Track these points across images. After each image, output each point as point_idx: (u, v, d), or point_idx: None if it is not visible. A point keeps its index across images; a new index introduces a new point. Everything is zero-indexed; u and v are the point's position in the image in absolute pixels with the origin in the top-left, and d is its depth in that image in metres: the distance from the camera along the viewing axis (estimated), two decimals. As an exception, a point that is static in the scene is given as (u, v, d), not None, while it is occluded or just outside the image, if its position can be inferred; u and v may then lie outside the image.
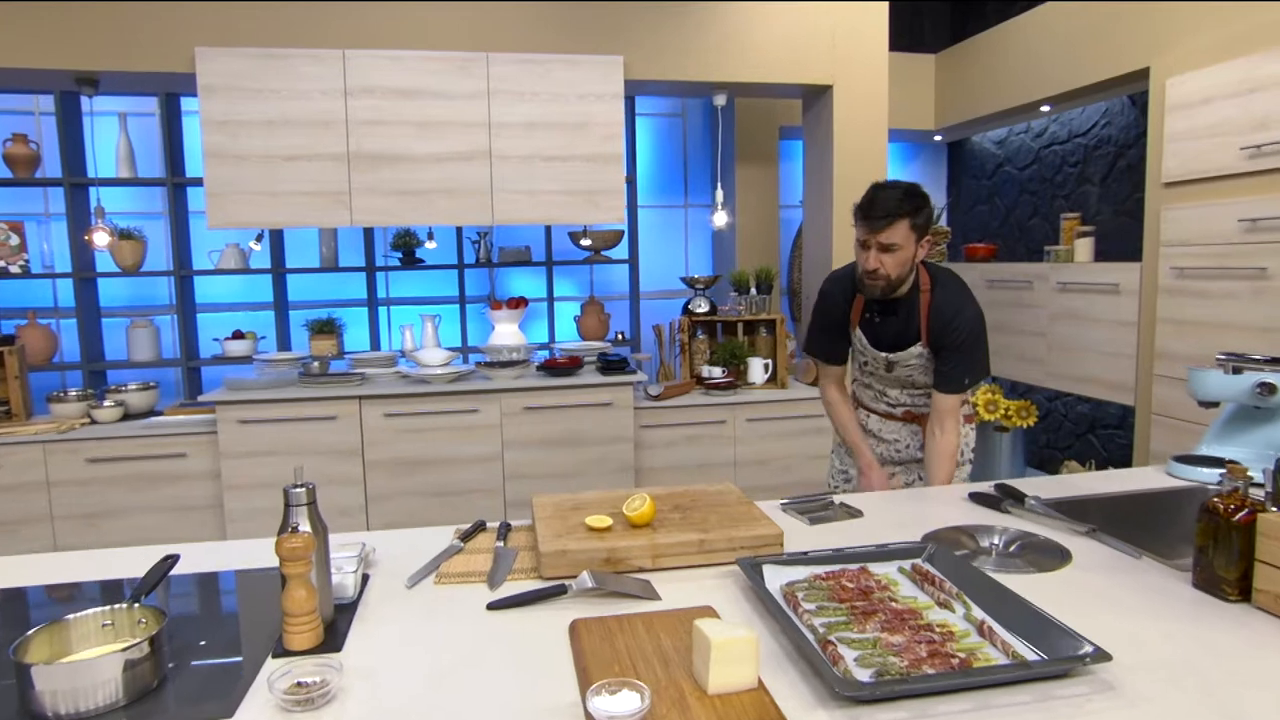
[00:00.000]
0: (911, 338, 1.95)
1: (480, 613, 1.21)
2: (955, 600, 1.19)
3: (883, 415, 2.14)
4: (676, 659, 1.02)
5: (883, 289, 1.88)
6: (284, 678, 0.97)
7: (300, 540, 1.07)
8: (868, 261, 1.84)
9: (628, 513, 1.42)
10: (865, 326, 2.02)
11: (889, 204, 1.80)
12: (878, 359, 2.02)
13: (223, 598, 1.30)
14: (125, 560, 1.45)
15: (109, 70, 3.15)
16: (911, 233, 1.82)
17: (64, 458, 3.18)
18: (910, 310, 1.94)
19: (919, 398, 2.07)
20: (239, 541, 1.56)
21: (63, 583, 1.37)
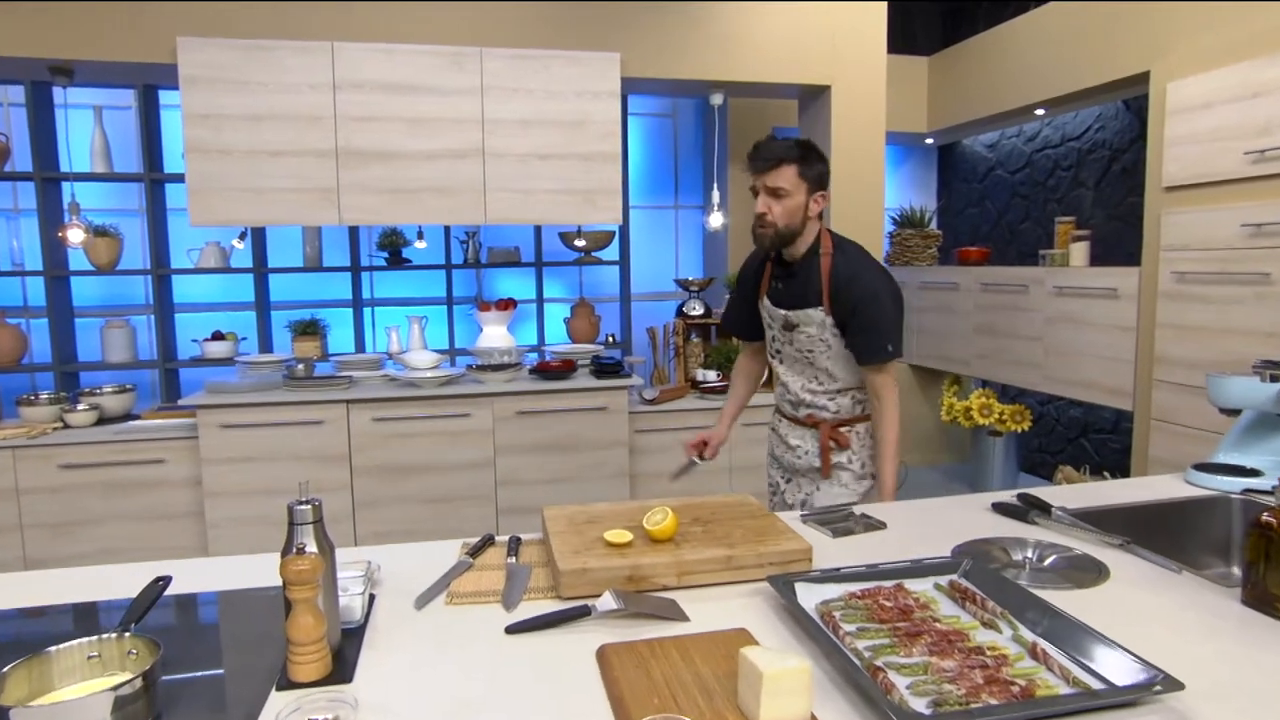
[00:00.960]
0: (812, 299, 1.91)
1: (498, 636, 1.13)
2: (1000, 620, 1.13)
3: (789, 419, 2.09)
4: (719, 689, 0.95)
5: (771, 239, 1.85)
6: (294, 715, 0.88)
7: (308, 562, 0.99)
8: (757, 206, 1.84)
9: (649, 527, 1.35)
10: (771, 293, 2.00)
11: (776, 149, 1.80)
12: (777, 319, 1.98)
13: (214, 623, 1.21)
14: (102, 580, 1.35)
15: (85, 60, 3.02)
16: (801, 181, 1.81)
17: (35, 464, 3.04)
18: (810, 272, 1.91)
19: (820, 396, 1.99)
20: (229, 558, 1.46)
21: (34, 606, 1.27)
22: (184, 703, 0.96)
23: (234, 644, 1.14)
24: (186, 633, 1.19)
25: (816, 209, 1.87)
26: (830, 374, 1.97)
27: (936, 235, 5.02)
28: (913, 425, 5.13)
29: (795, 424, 2.07)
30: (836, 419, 2.01)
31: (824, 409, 2.00)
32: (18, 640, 1.23)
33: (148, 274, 4.02)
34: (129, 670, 0.98)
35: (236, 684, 1.02)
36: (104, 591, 1.31)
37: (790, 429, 2.08)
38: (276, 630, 1.15)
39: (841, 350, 1.93)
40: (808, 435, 2.04)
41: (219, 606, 1.26)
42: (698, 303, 3.81)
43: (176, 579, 1.31)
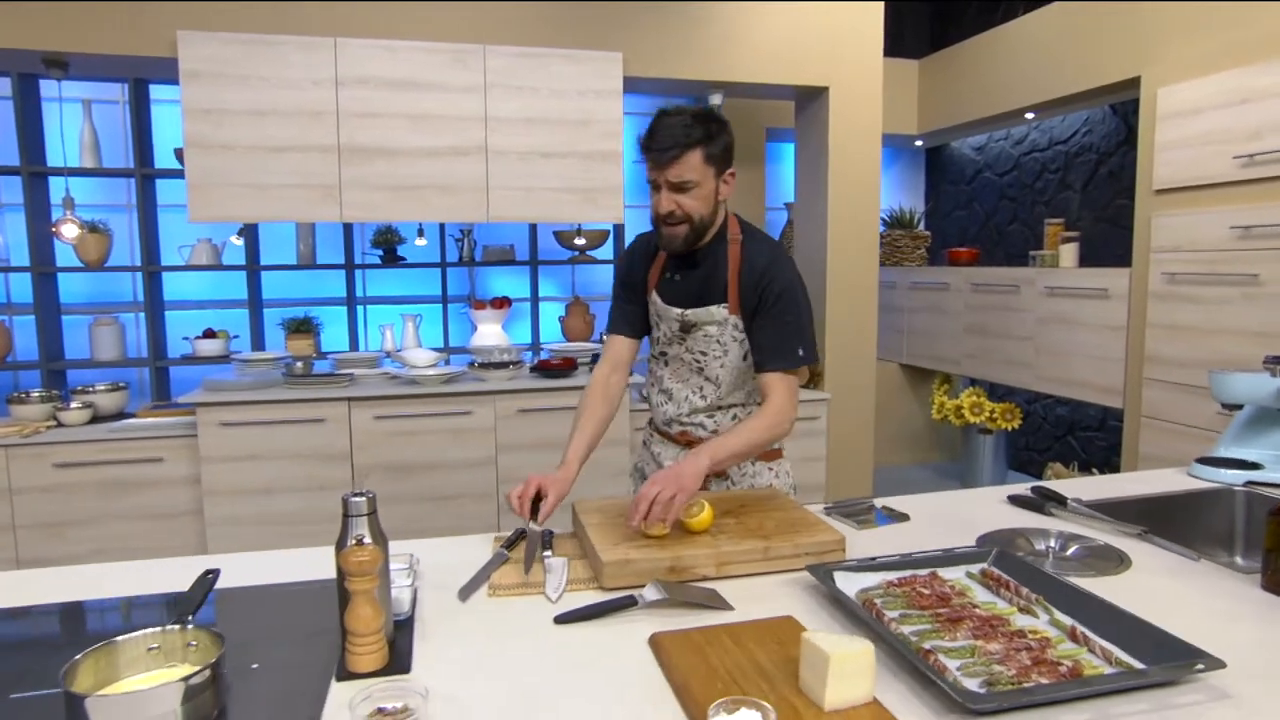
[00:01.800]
0: (716, 295, 1.63)
1: (548, 626, 1.15)
2: (1036, 605, 1.17)
3: (663, 436, 1.80)
4: (778, 673, 0.97)
5: (685, 237, 1.57)
6: (364, 703, 0.89)
7: (368, 553, 0.99)
8: (660, 205, 1.55)
9: (685, 519, 1.37)
10: (664, 288, 1.70)
11: (675, 132, 1.50)
12: (672, 321, 1.68)
13: (260, 617, 1.20)
14: (123, 576, 1.34)
15: (82, 53, 2.97)
16: (707, 165, 1.53)
17: (28, 463, 2.99)
18: (716, 262, 1.63)
19: (700, 413, 1.71)
20: (260, 553, 1.46)
21: (73, 601, 1.26)
22: (246, 694, 0.97)
23: (279, 637, 1.13)
24: (231, 626, 1.18)
25: (728, 191, 1.60)
26: (717, 384, 1.69)
27: (925, 236, 5.09)
28: (901, 425, 5.20)
29: (669, 441, 1.78)
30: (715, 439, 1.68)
31: (700, 427, 1.72)
32: (58, 633, 1.22)
33: (138, 271, 3.96)
34: (189, 662, 0.98)
35: (292, 676, 1.02)
36: (115, 589, 1.30)
37: (664, 447, 1.79)
38: (321, 623, 1.15)
39: (738, 359, 1.67)
40: (683, 456, 1.67)
41: (257, 601, 1.25)
42: (696, 302, 3.83)
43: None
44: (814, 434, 3.70)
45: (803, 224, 3.96)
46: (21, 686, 1.02)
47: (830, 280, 3.73)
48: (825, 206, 3.71)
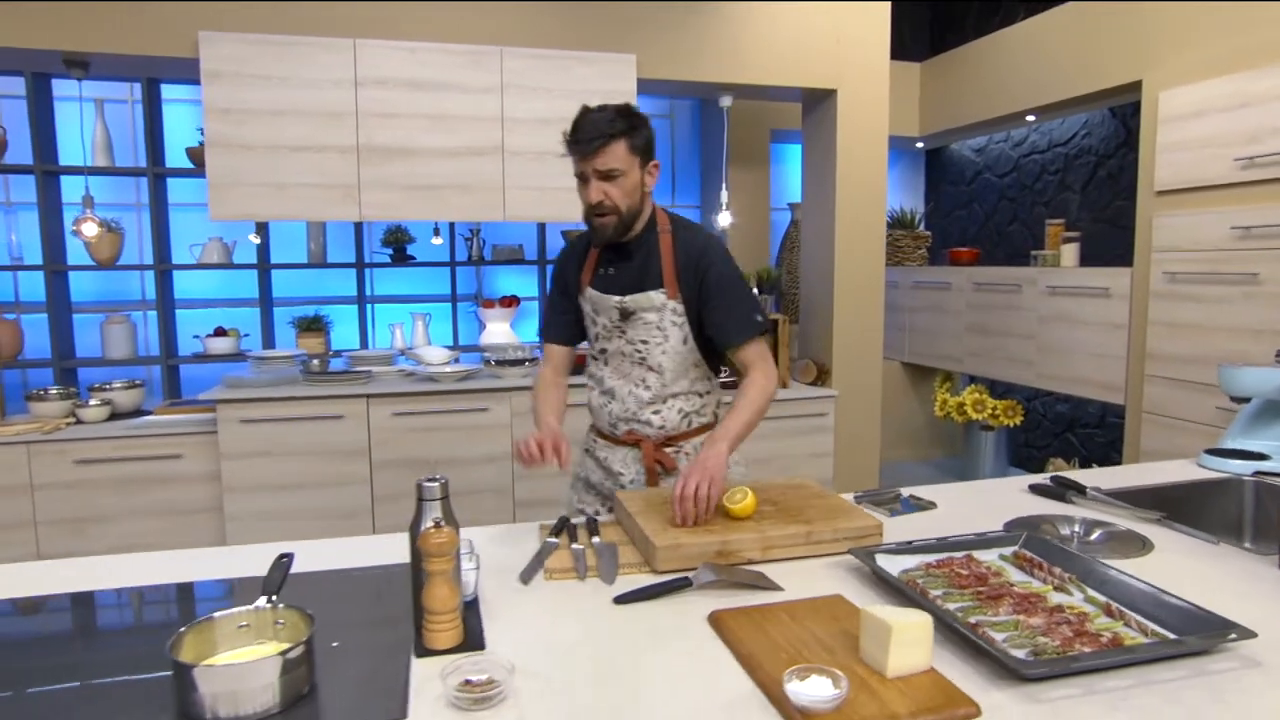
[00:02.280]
0: (652, 281, 1.68)
1: (608, 606, 1.20)
2: (1070, 584, 1.23)
3: (608, 439, 1.81)
4: (837, 645, 1.03)
5: (615, 227, 1.63)
6: (452, 676, 0.94)
7: (445, 536, 1.04)
8: (590, 194, 1.61)
9: (730, 506, 1.42)
10: (599, 282, 1.74)
11: (599, 124, 1.57)
12: (610, 310, 1.71)
13: (326, 600, 1.25)
14: (175, 564, 1.39)
15: (104, 53, 3.00)
16: (632, 156, 1.59)
17: (49, 459, 3.01)
18: (649, 252, 1.69)
19: (645, 408, 1.73)
20: (307, 542, 1.50)
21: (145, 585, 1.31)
22: (332, 670, 1.01)
23: (350, 619, 1.18)
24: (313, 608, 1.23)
25: (652, 182, 1.66)
26: (660, 372, 1.71)
27: (926, 236, 5.17)
28: (903, 422, 5.28)
29: (615, 444, 1.79)
30: (662, 435, 1.75)
31: (647, 424, 1.74)
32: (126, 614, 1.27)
33: (151, 269, 3.99)
34: (277, 639, 1.02)
35: (371, 653, 1.07)
36: (160, 576, 1.35)
37: (610, 451, 1.80)
38: (386, 605, 1.21)
39: (679, 344, 1.70)
40: (630, 457, 1.78)
41: (317, 586, 1.29)
42: (705, 300, 3.89)
43: (256, 561, 1.36)
44: (822, 430, 3.76)
45: (810, 225, 4.03)
46: (121, 670, 1.07)
47: (838, 280, 3.80)
48: (833, 208, 3.77)
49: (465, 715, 0.91)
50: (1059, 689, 0.95)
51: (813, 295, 4.02)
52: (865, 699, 0.91)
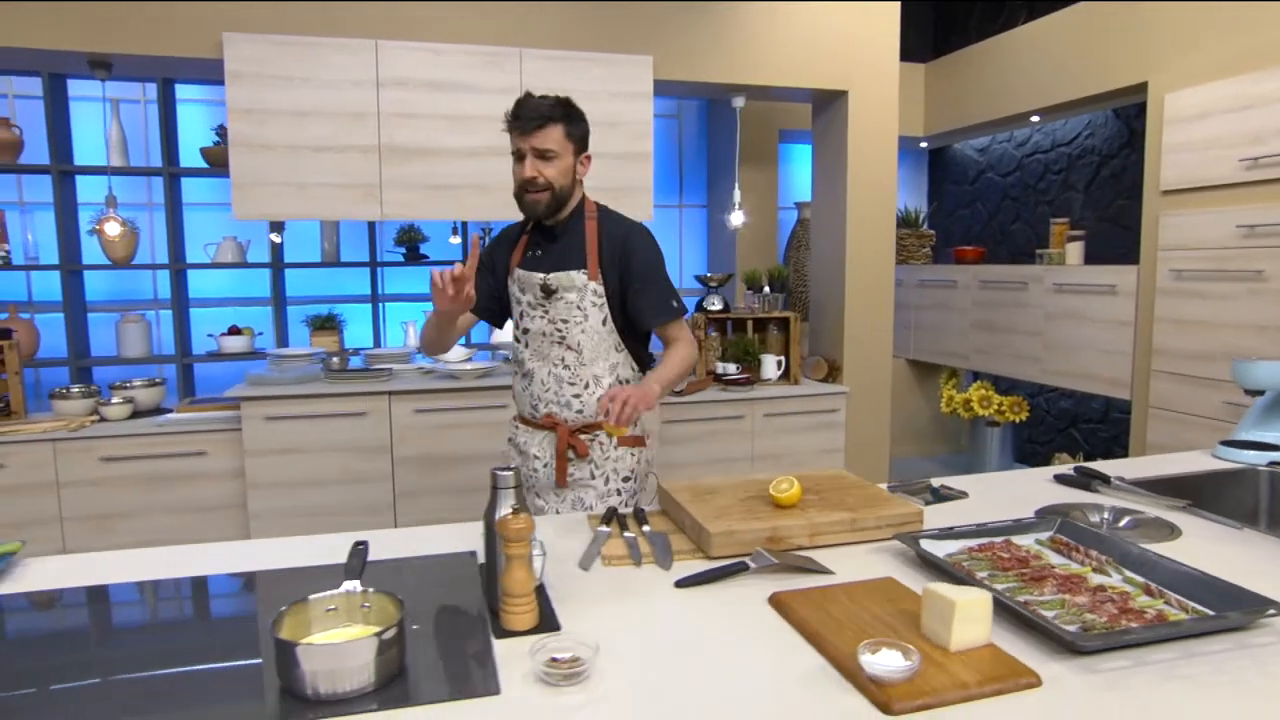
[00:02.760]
0: (575, 262, 1.78)
1: (669, 590, 1.25)
2: (1108, 566, 1.29)
3: (527, 424, 1.89)
4: (898, 623, 1.08)
5: (547, 203, 1.73)
6: (539, 653, 0.99)
7: (524, 521, 1.09)
8: (525, 170, 1.71)
9: (775, 494, 1.48)
10: (527, 263, 1.83)
11: (540, 107, 1.70)
12: (534, 288, 1.79)
13: (398, 586, 1.29)
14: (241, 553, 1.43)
15: (127, 54, 3.03)
16: (567, 141, 1.72)
17: (75, 456, 3.04)
18: (574, 235, 1.80)
19: (565, 387, 1.81)
20: (367, 533, 1.55)
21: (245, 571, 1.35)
22: (418, 651, 1.06)
23: (420, 604, 1.22)
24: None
25: (584, 171, 1.78)
26: (578, 351, 1.79)
27: (930, 235, 5.24)
28: (908, 418, 5.35)
29: (534, 429, 1.87)
30: (580, 421, 1.82)
31: (566, 406, 1.82)
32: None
33: (166, 269, 4.01)
34: (365, 622, 1.07)
35: (451, 636, 1.11)
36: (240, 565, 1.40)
37: (530, 436, 1.88)
38: (452, 591, 1.25)
39: (597, 325, 1.79)
40: (546, 441, 1.85)
41: (380, 574, 1.34)
42: (717, 298, 3.95)
43: (327, 551, 1.41)
44: (833, 426, 3.83)
45: (820, 224, 4.09)
46: (212, 653, 1.12)
47: (849, 279, 3.86)
48: (844, 207, 3.83)
49: (554, 690, 0.96)
50: (1111, 661, 1.01)
51: (823, 293, 4.08)
52: (933, 671, 0.96)
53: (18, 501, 3.00)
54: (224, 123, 3.97)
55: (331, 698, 0.94)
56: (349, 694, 0.94)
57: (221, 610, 1.34)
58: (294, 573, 1.35)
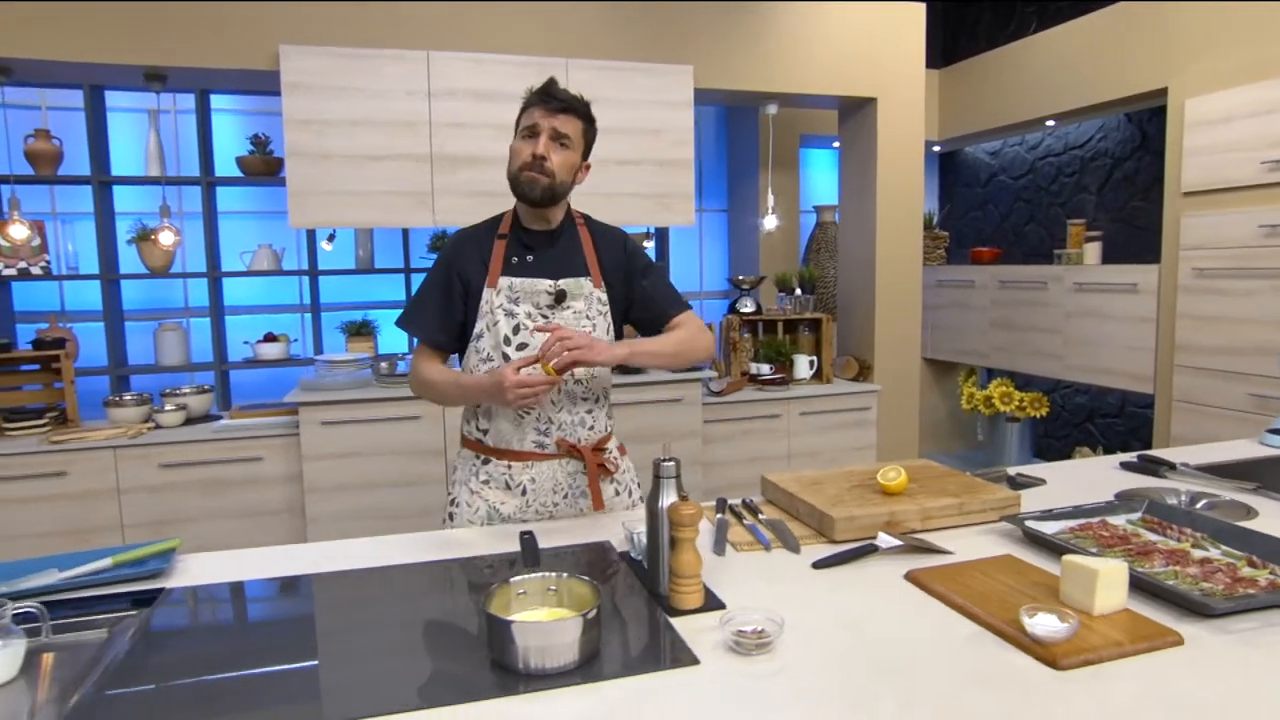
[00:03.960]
0: (579, 270, 1.68)
1: (807, 571, 1.34)
2: (1205, 542, 1.40)
3: (533, 457, 1.65)
4: (1035, 593, 1.18)
5: (543, 189, 1.60)
6: (728, 625, 1.08)
7: (694, 507, 1.18)
8: (537, 147, 1.59)
9: (884, 482, 1.58)
10: (518, 270, 1.65)
11: (570, 95, 1.62)
12: (540, 296, 1.63)
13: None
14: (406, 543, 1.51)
15: (185, 66, 3.09)
16: (582, 138, 1.65)
17: (135, 463, 3.09)
18: (569, 241, 1.70)
19: (579, 405, 1.66)
20: (497, 527, 1.63)
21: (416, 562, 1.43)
22: (604, 631, 1.13)
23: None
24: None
25: (582, 178, 1.69)
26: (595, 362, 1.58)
27: (944, 236, 5.38)
28: (926, 415, 5.47)
29: (540, 459, 1.65)
30: (594, 440, 1.69)
31: (580, 425, 1.67)
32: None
33: (203, 277, 4.06)
34: (554, 605, 1.15)
35: (625, 617, 1.19)
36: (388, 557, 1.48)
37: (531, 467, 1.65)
38: (607, 577, 1.34)
39: (603, 334, 1.68)
40: (559, 471, 1.67)
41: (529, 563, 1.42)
42: (749, 300, 4.05)
43: (474, 544, 1.49)
44: (865, 424, 3.94)
45: (849, 228, 4.20)
46: (413, 630, 1.19)
47: (879, 281, 3.98)
48: (873, 211, 3.95)
49: (747, 659, 1.05)
50: (1240, 622, 1.11)
51: (852, 295, 4.19)
52: (1086, 631, 1.06)
53: (81, 508, 3.04)
54: (258, 132, 4.04)
55: (540, 672, 1.02)
56: (556, 669, 1.02)
57: (385, 595, 1.40)
58: (430, 566, 1.43)
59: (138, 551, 1.40)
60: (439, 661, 1.09)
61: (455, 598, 1.32)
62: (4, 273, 3.75)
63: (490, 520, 1.68)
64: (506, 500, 1.68)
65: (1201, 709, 0.91)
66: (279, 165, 4.00)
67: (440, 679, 1.04)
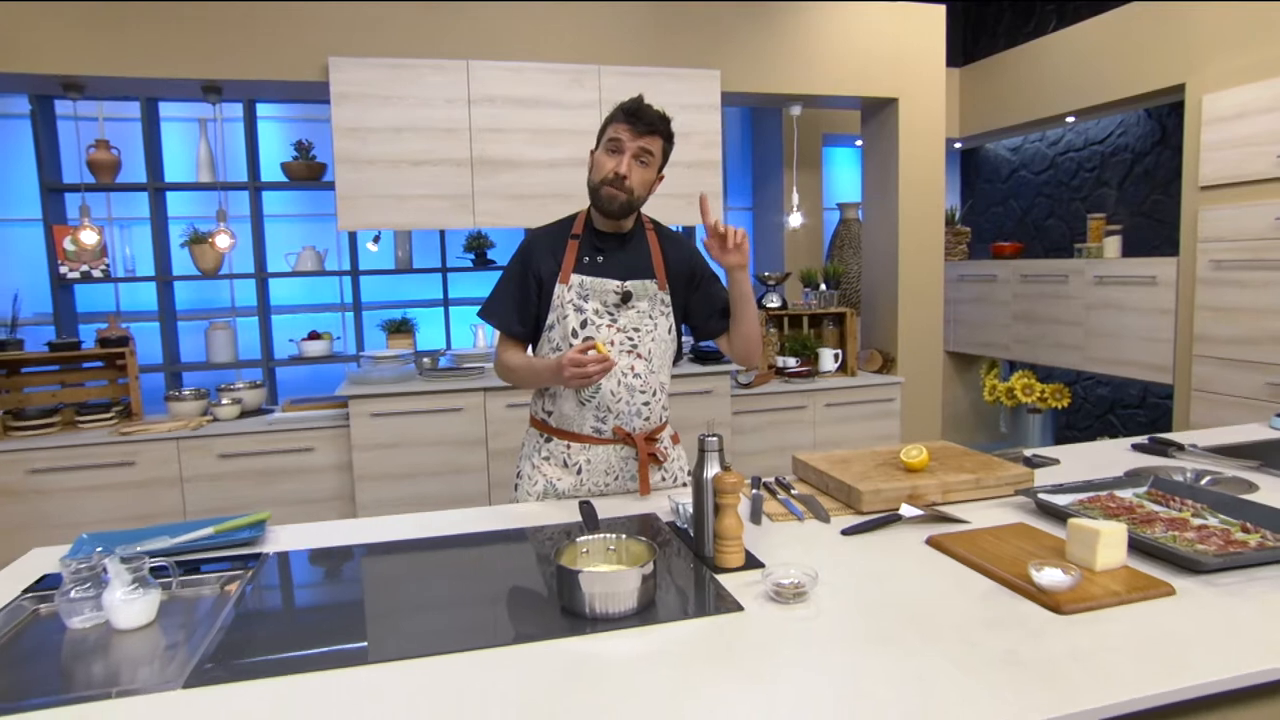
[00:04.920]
0: (645, 272, 1.81)
1: (837, 538, 1.48)
2: (1205, 512, 1.52)
3: (590, 440, 1.80)
4: (1043, 553, 1.31)
5: (622, 204, 1.71)
6: (769, 578, 1.22)
7: (735, 477, 1.33)
8: (620, 165, 1.68)
9: (906, 460, 1.71)
10: (589, 269, 1.77)
11: (657, 116, 1.71)
12: (608, 295, 1.76)
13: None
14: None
15: (240, 79, 3.28)
16: (662, 157, 1.76)
17: (196, 454, 3.29)
18: (638, 244, 1.82)
19: (636, 396, 1.78)
20: (542, 504, 1.78)
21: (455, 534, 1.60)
22: (658, 584, 1.28)
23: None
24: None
25: (657, 187, 1.80)
26: (649, 359, 1.80)
27: (966, 232, 5.46)
28: (949, 406, 5.56)
29: (597, 443, 1.80)
30: (647, 429, 1.82)
31: (636, 415, 1.80)
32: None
33: (251, 278, 4.26)
34: (620, 561, 1.30)
35: (674, 574, 1.34)
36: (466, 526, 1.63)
37: (592, 453, 1.80)
38: (655, 541, 1.48)
39: (665, 333, 1.82)
40: (613, 455, 1.81)
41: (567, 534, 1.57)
42: (775, 295, 4.18)
43: (537, 516, 1.64)
44: (889, 415, 4.05)
45: (872, 224, 4.32)
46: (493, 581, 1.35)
47: (902, 278, 4.09)
48: (896, 208, 4.06)
49: (786, 606, 1.19)
50: (1227, 578, 1.24)
51: (876, 290, 4.31)
52: (1087, 583, 1.19)
53: (147, 495, 3.25)
54: (301, 138, 4.24)
55: (604, 616, 1.17)
56: (618, 614, 1.17)
57: (474, 555, 1.53)
58: (500, 534, 1.59)
59: (235, 522, 1.57)
60: (516, 610, 1.24)
61: (525, 560, 1.48)
62: (69, 276, 3.97)
63: (546, 495, 1.83)
64: (563, 477, 1.82)
65: (1186, 644, 1.04)
66: (321, 170, 4.19)
67: (520, 623, 1.19)
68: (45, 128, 3.86)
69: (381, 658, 1.08)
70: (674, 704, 0.94)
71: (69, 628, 1.21)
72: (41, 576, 1.39)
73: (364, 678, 1.02)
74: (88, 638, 1.19)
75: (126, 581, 1.20)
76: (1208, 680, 0.96)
